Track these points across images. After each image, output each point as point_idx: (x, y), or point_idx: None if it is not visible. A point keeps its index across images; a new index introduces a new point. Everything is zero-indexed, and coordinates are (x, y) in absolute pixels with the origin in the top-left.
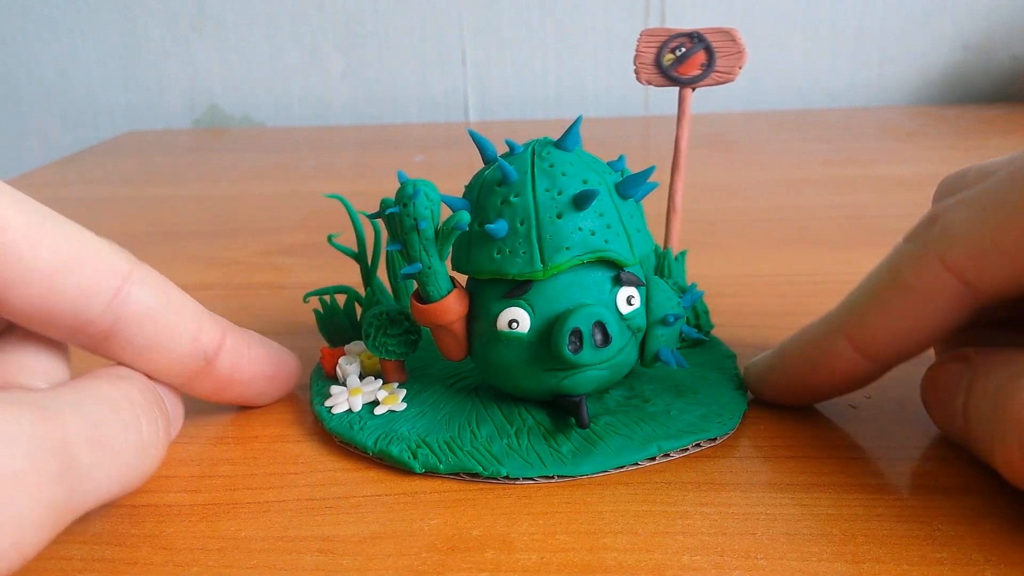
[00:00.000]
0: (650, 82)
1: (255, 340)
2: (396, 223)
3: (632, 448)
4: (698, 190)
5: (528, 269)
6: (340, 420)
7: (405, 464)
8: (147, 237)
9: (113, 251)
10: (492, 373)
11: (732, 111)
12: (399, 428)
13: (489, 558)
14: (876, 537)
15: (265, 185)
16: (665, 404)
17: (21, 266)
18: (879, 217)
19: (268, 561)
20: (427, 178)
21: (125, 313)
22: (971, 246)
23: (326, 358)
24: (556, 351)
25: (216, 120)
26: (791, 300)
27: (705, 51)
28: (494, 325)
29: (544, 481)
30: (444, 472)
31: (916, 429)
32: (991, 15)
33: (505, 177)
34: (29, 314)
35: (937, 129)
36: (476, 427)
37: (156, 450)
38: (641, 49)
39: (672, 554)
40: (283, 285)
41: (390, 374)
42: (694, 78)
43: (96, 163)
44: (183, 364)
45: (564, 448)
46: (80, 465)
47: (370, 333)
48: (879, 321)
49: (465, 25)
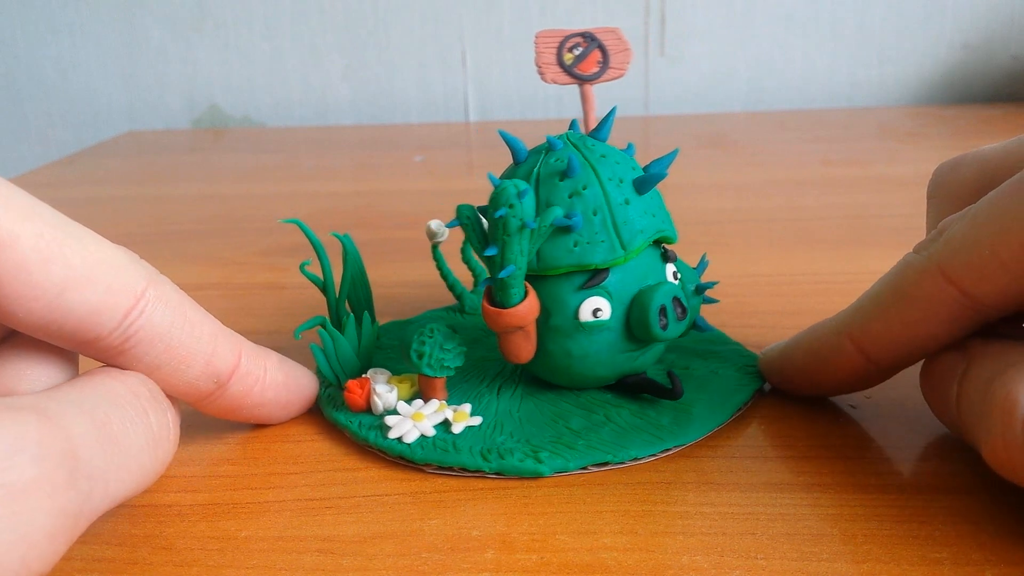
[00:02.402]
0: (555, 81)
1: (273, 364)
2: (499, 226)
3: (721, 408)
4: (698, 190)
5: (611, 256)
6: (426, 447)
7: (532, 472)
8: (147, 237)
9: (130, 267)
10: (568, 365)
11: (732, 111)
12: (495, 439)
13: (489, 558)
14: (876, 537)
15: (265, 185)
16: (708, 369)
17: (29, 281)
18: (879, 217)
19: (268, 561)
20: (427, 178)
21: (136, 332)
22: (970, 257)
23: (354, 392)
24: (647, 331)
25: (216, 120)
26: (791, 300)
27: (599, 49)
28: (575, 317)
29: (663, 454)
30: (572, 469)
31: (916, 429)
32: (991, 15)
33: (570, 169)
34: (36, 328)
35: (937, 129)
36: (567, 423)
37: (167, 443)
38: (540, 50)
39: (672, 554)
40: (283, 285)
41: (439, 392)
42: (594, 75)
43: (96, 163)
44: (193, 387)
45: (664, 421)
46: (90, 467)
47: (424, 352)
48: (881, 326)
49: (465, 25)
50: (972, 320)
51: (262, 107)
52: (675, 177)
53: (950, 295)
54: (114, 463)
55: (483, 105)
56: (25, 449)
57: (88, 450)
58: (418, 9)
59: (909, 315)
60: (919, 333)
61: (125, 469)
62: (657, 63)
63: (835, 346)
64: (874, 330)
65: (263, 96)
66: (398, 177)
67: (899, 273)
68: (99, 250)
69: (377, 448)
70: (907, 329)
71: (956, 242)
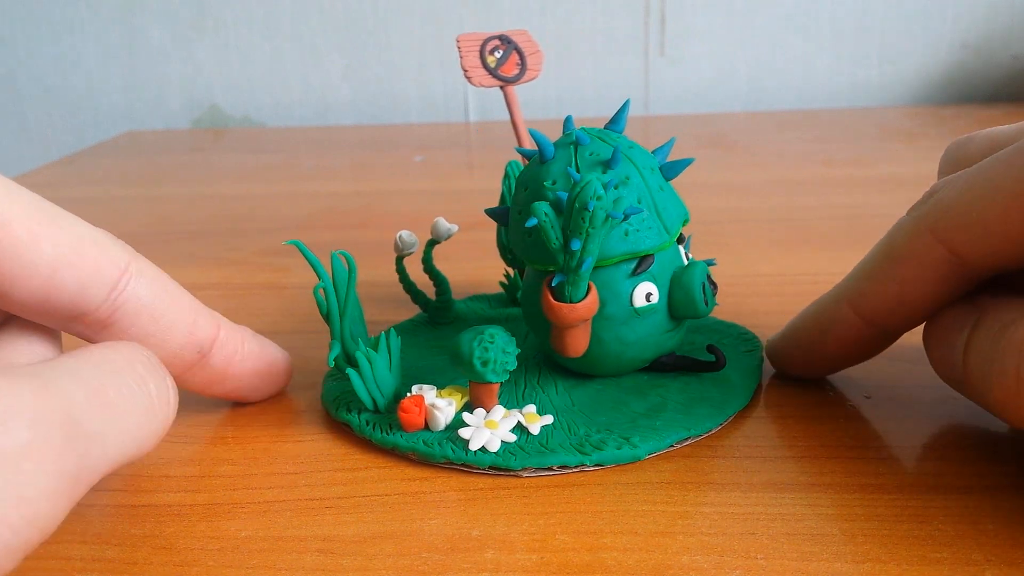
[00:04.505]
0: (483, 84)
1: (249, 336)
2: (584, 219)
3: (751, 374)
4: (698, 190)
5: (659, 241)
6: (517, 453)
7: (631, 458)
8: (147, 237)
9: (112, 243)
10: (621, 352)
11: (732, 111)
12: (579, 432)
13: (489, 558)
14: (876, 537)
15: (265, 185)
16: (715, 342)
17: (22, 261)
18: (879, 217)
19: (268, 561)
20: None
21: (122, 305)
22: (959, 219)
23: (411, 411)
24: (693, 308)
25: (216, 120)
26: (791, 300)
27: (516, 51)
28: (630, 303)
29: (727, 422)
30: (662, 449)
31: (916, 429)
32: (991, 15)
33: (614, 160)
34: (29, 306)
35: (937, 129)
36: (629, 407)
37: (167, 407)
38: (464, 54)
39: (672, 554)
40: (283, 285)
41: (494, 398)
42: (515, 77)
43: (96, 163)
44: (178, 356)
45: (712, 392)
46: (87, 431)
47: (490, 358)
48: (876, 287)
49: (465, 25)
50: (961, 279)
51: (262, 107)
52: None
53: (939, 254)
54: (111, 427)
55: (483, 105)
56: (21, 414)
57: (84, 414)
58: (418, 9)
59: (901, 274)
60: (911, 292)
61: (123, 432)
62: (657, 63)
63: (835, 314)
64: (871, 292)
65: (263, 96)
66: (398, 177)
67: (891, 234)
68: (80, 228)
69: (462, 463)
70: (899, 288)
71: (946, 204)
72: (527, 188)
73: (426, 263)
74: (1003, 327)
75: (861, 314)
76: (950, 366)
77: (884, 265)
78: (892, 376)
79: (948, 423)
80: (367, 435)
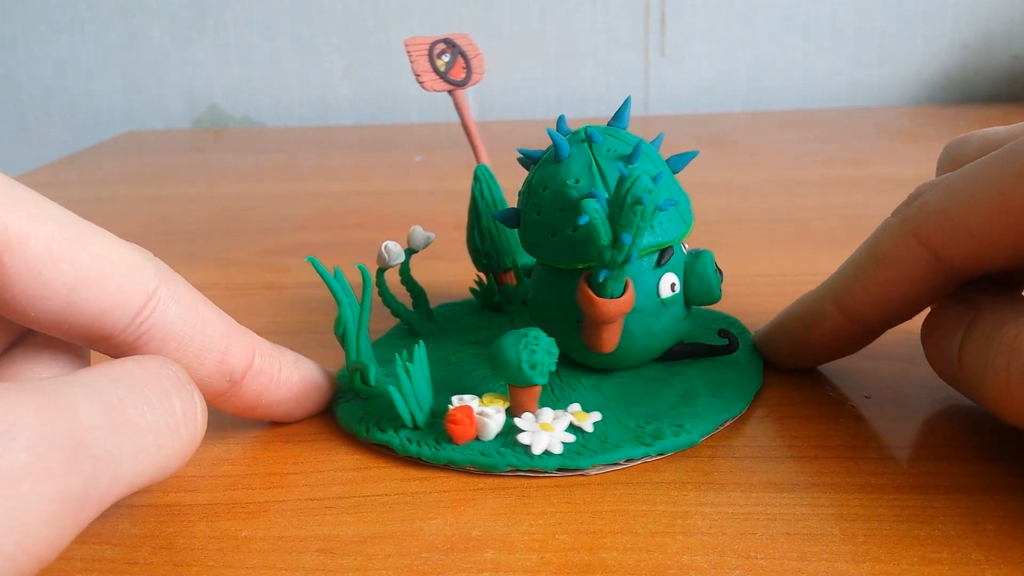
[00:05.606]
0: (435, 88)
1: (288, 363)
2: (636, 214)
3: (752, 363)
4: (698, 190)
5: (681, 233)
6: (583, 453)
7: (688, 443)
8: (147, 237)
9: (142, 265)
10: (647, 343)
11: (732, 111)
12: (630, 425)
13: (489, 558)
14: (876, 537)
15: (265, 185)
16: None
17: (40, 280)
18: (879, 217)
19: (268, 561)
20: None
21: (148, 330)
22: (943, 223)
23: (462, 423)
24: (711, 294)
25: (216, 120)
26: (791, 300)
27: (461, 55)
28: (657, 294)
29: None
30: (712, 431)
31: (916, 429)
32: (991, 15)
33: (636, 154)
34: (49, 326)
35: (937, 129)
36: (663, 396)
37: (194, 425)
38: (414, 58)
39: (672, 554)
40: (283, 285)
41: (536, 400)
42: (464, 80)
43: (96, 163)
44: (206, 384)
45: (730, 374)
46: (96, 452)
47: (537, 361)
48: (860, 286)
49: (465, 25)
50: (943, 281)
51: (262, 107)
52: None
53: (922, 257)
54: (127, 446)
55: (483, 105)
56: (20, 435)
57: (95, 433)
58: (418, 9)
59: (884, 275)
60: (894, 293)
61: (141, 452)
62: (657, 63)
63: (820, 311)
64: (854, 290)
65: (263, 96)
66: (398, 177)
67: (876, 235)
68: (109, 249)
69: (529, 469)
70: (883, 289)
71: (930, 207)
72: (546, 188)
73: (403, 273)
74: (996, 327)
75: (845, 311)
76: (946, 363)
77: (868, 265)
78: (892, 376)
79: (948, 423)
80: (413, 454)
